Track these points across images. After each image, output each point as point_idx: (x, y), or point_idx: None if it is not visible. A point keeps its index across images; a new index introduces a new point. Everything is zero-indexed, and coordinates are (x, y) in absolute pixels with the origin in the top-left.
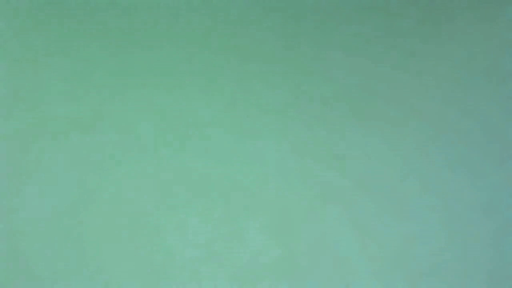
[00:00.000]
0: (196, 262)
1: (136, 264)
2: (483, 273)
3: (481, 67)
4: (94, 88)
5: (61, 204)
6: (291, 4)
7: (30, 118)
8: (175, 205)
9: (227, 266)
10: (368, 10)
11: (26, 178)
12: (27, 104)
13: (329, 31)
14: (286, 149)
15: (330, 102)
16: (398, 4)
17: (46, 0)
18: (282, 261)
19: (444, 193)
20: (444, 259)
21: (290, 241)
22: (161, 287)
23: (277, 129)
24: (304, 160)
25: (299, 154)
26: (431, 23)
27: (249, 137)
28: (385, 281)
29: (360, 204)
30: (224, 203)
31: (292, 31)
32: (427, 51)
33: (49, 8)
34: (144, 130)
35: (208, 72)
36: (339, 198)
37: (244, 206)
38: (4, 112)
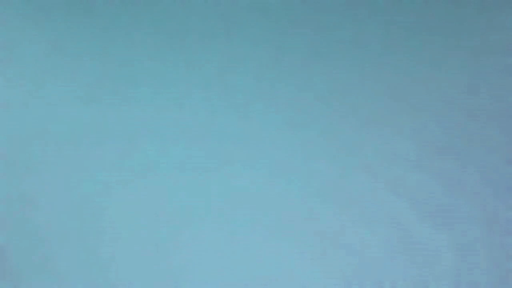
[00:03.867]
0: (207, 269)
1: (147, 272)
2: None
3: (487, 65)
4: (104, 97)
5: (77, 209)
6: (290, 5)
7: (43, 124)
8: (185, 213)
9: (238, 276)
10: (369, 11)
11: (40, 185)
12: (39, 110)
13: (329, 31)
14: (292, 155)
15: (331, 102)
16: (399, 4)
17: (49, 3)
18: (291, 268)
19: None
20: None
21: (296, 244)
22: None
23: (285, 138)
24: (316, 166)
25: (311, 161)
26: (433, 22)
27: (255, 143)
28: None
29: (361, 202)
30: (231, 211)
31: (291, 31)
32: (429, 50)
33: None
34: (157, 138)
35: (210, 76)
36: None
37: (252, 214)
38: (20, 118)
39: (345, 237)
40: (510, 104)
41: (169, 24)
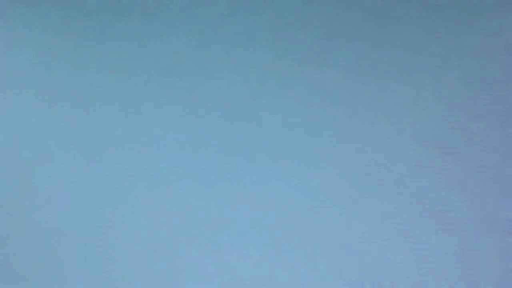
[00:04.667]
0: (208, 269)
1: (148, 274)
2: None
3: (487, 65)
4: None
5: (80, 211)
6: (290, 7)
7: (48, 126)
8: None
9: (239, 276)
10: (369, 11)
11: (53, 196)
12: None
13: (330, 33)
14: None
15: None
16: (399, 4)
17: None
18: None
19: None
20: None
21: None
22: None
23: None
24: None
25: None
26: (433, 22)
27: (255, 143)
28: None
29: (362, 203)
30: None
31: (291, 34)
32: (430, 51)
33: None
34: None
35: (211, 80)
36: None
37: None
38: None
39: (345, 237)
40: (510, 104)
41: (173, 34)
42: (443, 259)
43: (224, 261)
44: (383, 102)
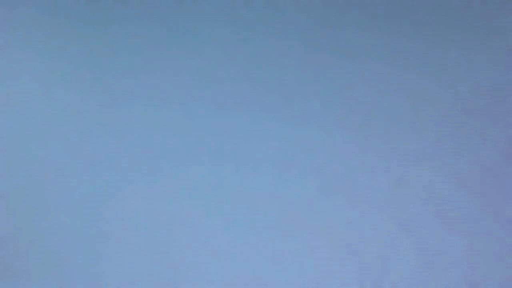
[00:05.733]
0: (208, 267)
1: (147, 270)
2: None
3: (489, 65)
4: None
5: (79, 210)
6: (289, 8)
7: (46, 122)
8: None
9: (238, 275)
10: (372, 10)
11: (57, 199)
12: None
13: (333, 28)
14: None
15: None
16: (398, 4)
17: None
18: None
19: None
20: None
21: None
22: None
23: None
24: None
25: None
26: (435, 22)
27: (257, 140)
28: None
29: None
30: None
31: (295, 27)
32: (438, 58)
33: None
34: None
35: (212, 74)
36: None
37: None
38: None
39: (345, 237)
40: (510, 104)
41: (170, 21)
42: (444, 259)
43: (223, 261)
44: (383, 100)
